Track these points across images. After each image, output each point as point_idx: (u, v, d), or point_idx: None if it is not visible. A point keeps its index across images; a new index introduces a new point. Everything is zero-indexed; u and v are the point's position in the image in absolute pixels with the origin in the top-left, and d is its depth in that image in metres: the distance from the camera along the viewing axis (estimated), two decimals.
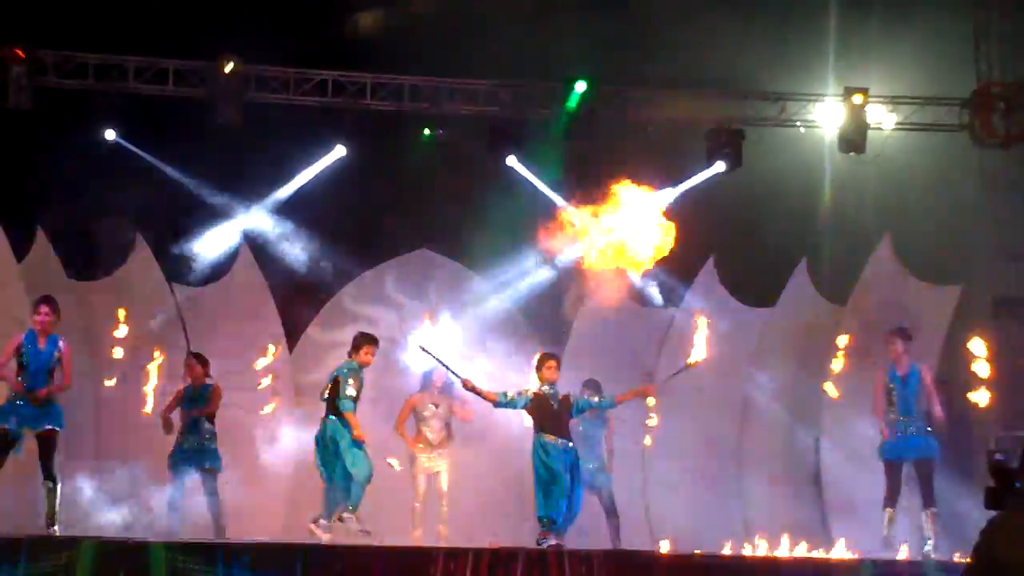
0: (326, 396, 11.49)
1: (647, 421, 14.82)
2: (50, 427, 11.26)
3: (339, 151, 15.22)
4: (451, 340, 12.85)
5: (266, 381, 14.39)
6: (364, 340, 11.64)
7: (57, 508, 11.20)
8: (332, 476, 11.29)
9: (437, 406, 13.18)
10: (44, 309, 11.40)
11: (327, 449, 11.32)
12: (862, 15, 15.08)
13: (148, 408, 13.37)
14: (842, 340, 14.11)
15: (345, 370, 11.42)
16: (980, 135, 15.15)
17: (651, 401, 14.54)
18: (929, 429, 12.20)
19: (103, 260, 14.86)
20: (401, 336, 15.42)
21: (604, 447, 13.47)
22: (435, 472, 13.07)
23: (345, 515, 10.97)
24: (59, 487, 11.27)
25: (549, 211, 15.35)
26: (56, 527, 11.08)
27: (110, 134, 14.70)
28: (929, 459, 12.20)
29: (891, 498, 12.23)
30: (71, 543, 9.89)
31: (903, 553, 12.02)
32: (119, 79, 14.55)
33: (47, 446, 11.26)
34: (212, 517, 12.79)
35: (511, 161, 15.29)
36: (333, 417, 11.34)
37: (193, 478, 12.96)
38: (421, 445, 13.08)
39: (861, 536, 12.52)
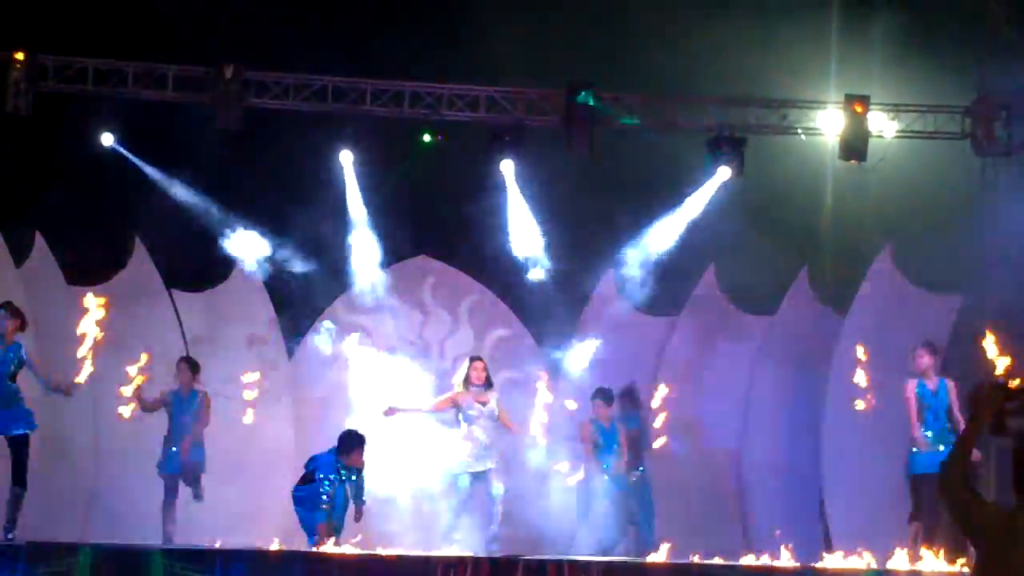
0: None
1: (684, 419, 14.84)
2: (20, 431, 11.23)
3: (347, 156, 15.19)
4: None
5: (263, 389, 14.36)
6: None
7: (19, 516, 11.16)
8: None
9: (484, 404, 12.47)
10: (2, 313, 11.39)
11: None
12: (864, 22, 15.05)
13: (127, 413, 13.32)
14: (860, 351, 13.89)
15: None
16: (982, 143, 15.12)
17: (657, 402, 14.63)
18: None
19: (102, 266, 14.82)
20: (400, 343, 15.44)
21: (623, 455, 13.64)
22: (483, 470, 12.39)
23: None
24: (25, 494, 11.22)
25: (548, 218, 15.44)
26: (13, 534, 11.02)
27: (108, 139, 14.66)
28: None
29: (917, 511, 12.11)
30: (69, 549, 9.88)
31: (903, 562, 11.97)
32: (119, 84, 14.55)
33: (19, 450, 11.22)
34: (195, 497, 12.82)
35: (508, 168, 15.27)
36: None
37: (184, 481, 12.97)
38: (471, 446, 12.35)
39: (864, 547, 12.44)
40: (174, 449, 12.91)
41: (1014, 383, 5.05)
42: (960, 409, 12.08)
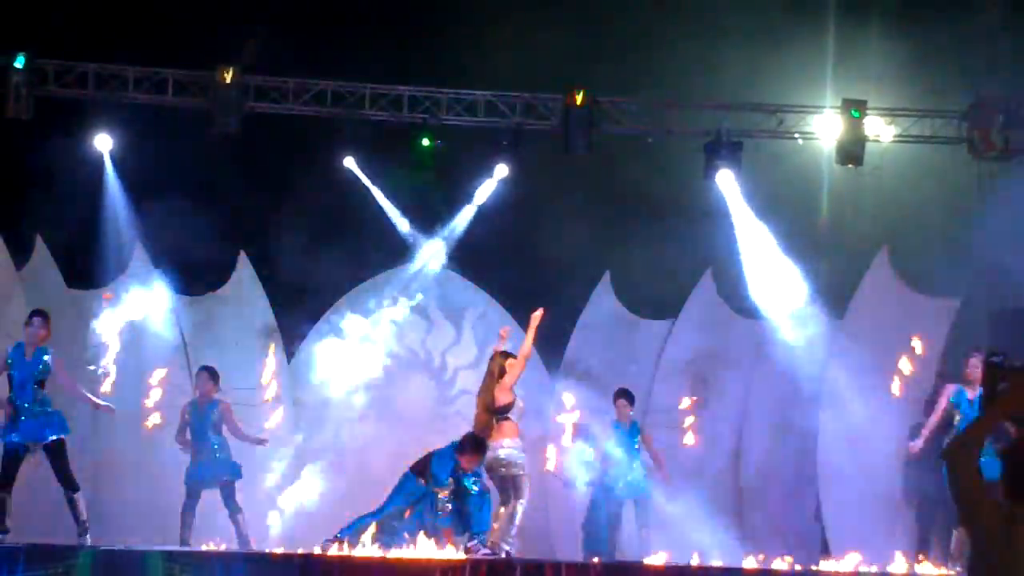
0: None
1: (683, 423, 14.92)
2: (55, 436, 11.28)
3: (349, 162, 15.19)
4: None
5: (266, 392, 14.39)
6: None
7: (84, 515, 11.18)
8: None
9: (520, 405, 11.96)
10: (36, 321, 11.47)
11: None
12: (861, 27, 15.09)
13: (150, 423, 13.31)
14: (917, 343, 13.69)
15: None
16: (979, 148, 15.13)
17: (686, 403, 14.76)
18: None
19: (102, 270, 14.86)
20: (400, 348, 15.48)
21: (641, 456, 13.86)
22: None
23: None
24: (80, 494, 11.26)
25: (546, 221, 15.48)
26: (87, 536, 11.08)
27: (108, 143, 14.68)
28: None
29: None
30: (69, 551, 9.92)
31: (901, 565, 12.01)
32: (119, 88, 14.59)
33: (58, 455, 11.28)
34: (237, 529, 12.73)
35: (508, 172, 15.30)
36: None
37: (211, 491, 12.94)
38: (518, 442, 11.77)
39: (861, 551, 12.48)
40: (199, 459, 12.91)
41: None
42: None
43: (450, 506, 11.44)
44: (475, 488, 11.40)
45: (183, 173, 14.67)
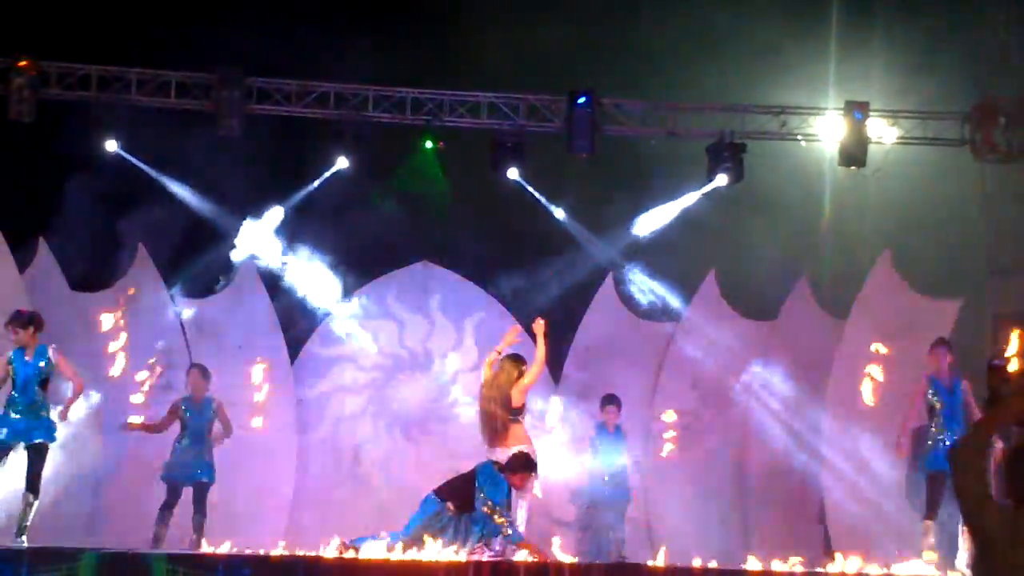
0: None
1: (664, 434, 14.93)
2: (40, 440, 11.30)
3: (341, 162, 15.18)
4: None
5: (266, 394, 14.41)
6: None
7: (30, 522, 11.19)
8: None
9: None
10: (9, 329, 11.49)
11: None
12: (863, 29, 15.12)
13: (133, 418, 13.34)
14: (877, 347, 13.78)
15: None
16: (981, 149, 15.14)
17: (670, 417, 14.78)
18: None
19: (105, 272, 14.88)
20: (402, 349, 15.49)
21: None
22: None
23: None
24: (38, 502, 11.26)
25: (550, 224, 15.52)
26: (24, 539, 11.08)
27: (112, 145, 14.69)
28: None
29: (932, 510, 12.05)
30: (72, 554, 9.91)
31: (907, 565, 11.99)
32: (122, 91, 14.60)
33: (36, 458, 11.30)
34: (195, 530, 12.72)
35: (512, 174, 15.30)
36: None
37: (186, 489, 12.94)
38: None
39: (864, 552, 12.47)
40: (182, 456, 12.91)
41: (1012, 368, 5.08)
42: (974, 407, 12.12)
43: (504, 523, 11.29)
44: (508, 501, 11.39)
45: (185, 175, 14.71)
